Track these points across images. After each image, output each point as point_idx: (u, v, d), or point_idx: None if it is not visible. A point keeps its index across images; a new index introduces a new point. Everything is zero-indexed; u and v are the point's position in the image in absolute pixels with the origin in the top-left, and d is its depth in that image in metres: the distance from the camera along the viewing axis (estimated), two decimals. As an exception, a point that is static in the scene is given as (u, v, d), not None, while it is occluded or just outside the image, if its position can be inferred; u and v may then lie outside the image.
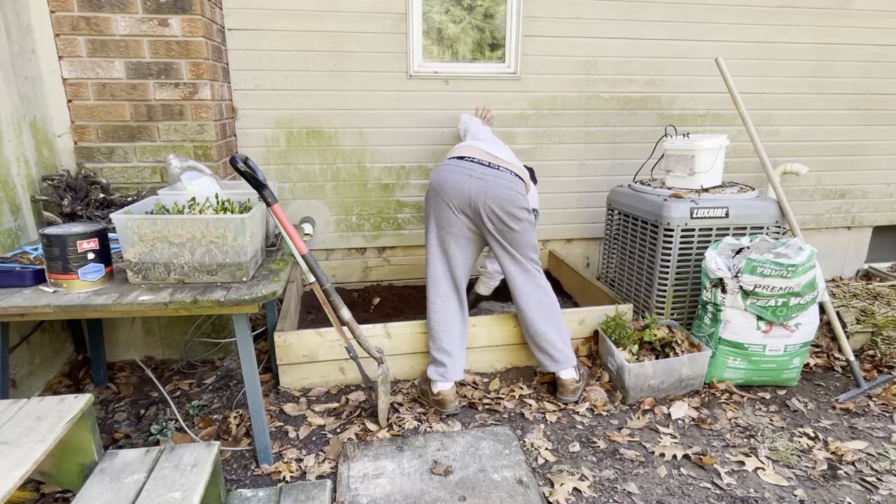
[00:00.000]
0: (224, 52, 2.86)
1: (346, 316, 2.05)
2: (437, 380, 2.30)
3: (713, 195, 2.74)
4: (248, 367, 1.84)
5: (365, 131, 3.18)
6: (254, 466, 1.97)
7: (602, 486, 1.91)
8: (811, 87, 3.56)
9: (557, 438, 2.17)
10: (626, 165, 3.51)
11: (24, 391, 2.20)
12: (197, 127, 2.56)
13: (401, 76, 3.12)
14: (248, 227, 1.76)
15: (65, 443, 1.45)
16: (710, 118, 3.52)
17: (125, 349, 2.68)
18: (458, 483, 1.89)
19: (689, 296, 2.78)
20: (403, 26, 3.04)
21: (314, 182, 3.22)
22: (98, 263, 1.71)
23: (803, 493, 1.88)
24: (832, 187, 3.81)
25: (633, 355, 2.43)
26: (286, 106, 3.06)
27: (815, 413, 2.36)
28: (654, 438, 2.17)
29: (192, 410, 2.28)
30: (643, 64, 3.34)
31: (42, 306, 1.62)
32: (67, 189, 2.30)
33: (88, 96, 2.45)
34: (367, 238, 3.39)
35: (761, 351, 2.43)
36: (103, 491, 1.41)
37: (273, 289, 1.75)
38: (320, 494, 1.75)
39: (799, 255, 2.32)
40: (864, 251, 4.04)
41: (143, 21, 2.38)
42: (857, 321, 2.89)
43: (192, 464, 1.53)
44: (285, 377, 2.44)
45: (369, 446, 2.08)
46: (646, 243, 2.84)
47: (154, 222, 1.70)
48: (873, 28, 3.49)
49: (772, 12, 3.35)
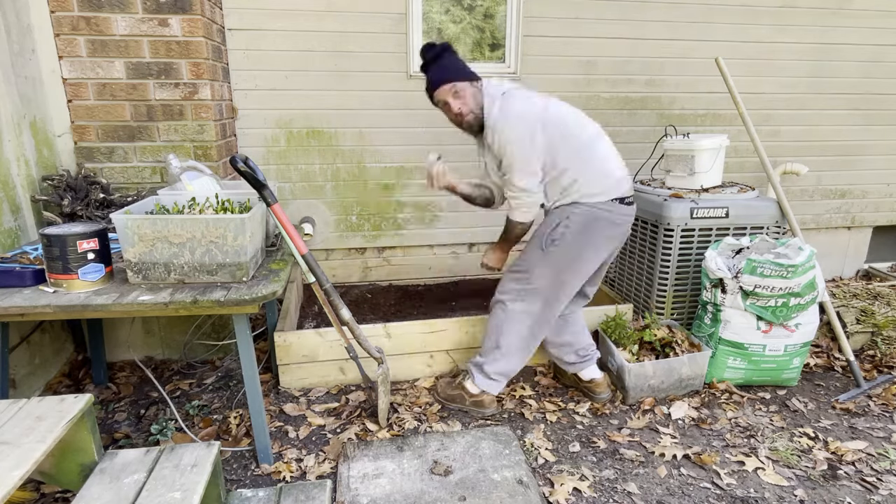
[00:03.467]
0: (224, 52, 2.86)
1: (346, 316, 2.05)
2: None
3: (713, 195, 2.74)
4: (248, 367, 1.84)
5: (365, 131, 3.18)
6: (254, 466, 1.97)
7: (602, 486, 1.91)
8: (811, 87, 3.56)
9: (557, 438, 2.17)
10: (626, 165, 3.50)
11: (24, 391, 2.20)
12: (197, 127, 2.56)
13: (401, 76, 3.12)
14: (248, 227, 1.76)
15: (65, 443, 1.44)
16: (710, 118, 3.52)
17: (125, 349, 2.68)
18: (458, 483, 1.89)
19: (689, 296, 2.78)
20: (403, 26, 3.04)
21: (314, 182, 3.22)
22: (98, 263, 1.71)
23: (803, 493, 1.88)
24: (832, 187, 3.81)
25: (634, 355, 2.43)
26: (286, 106, 3.06)
27: (815, 413, 2.36)
28: (655, 438, 2.17)
29: (191, 410, 2.28)
30: (643, 64, 3.33)
31: (42, 306, 1.62)
32: (67, 189, 2.30)
33: (88, 96, 2.45)
34: (367, 238, 3.39)
35: (761, 351, 2.43)
36: (103, 491, 1.41)
37: (273, 289, 1.74)
38: (320, 494, 1.75)
39: (799, 256, 2.32)
40: (864, 251, 4.04)
41: (143, 21, 2.38)
42: (857, 321, 2.88)
43: (192, 464, 1.53)
44: (285, 377, 2.44)
45: (369, 446, 2.08)
46: (646, 243, 2.84)
47: (154, 222, 1.70)
48: (873, 28, 3.49)
49: (772, 12, 3.35)
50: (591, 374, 2.40)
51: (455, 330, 2.53)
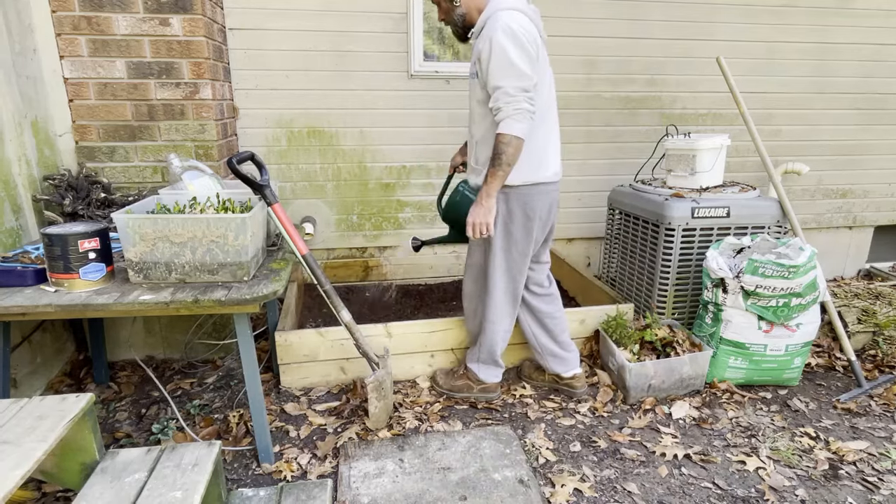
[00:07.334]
0: (225, 51, 2.86)
1: (346, 318, 2.05)
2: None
3: (714, 195, 2.73)
4: (249, 366, 1.85)
5: (366, 131, 3.18)
6: (255, 466, 1.97)
7: (603, 486, 1.91)
8: (812, 87, 3.55)
9: (558, 438, 2.16)
10: (627, 165, 3.50)
11: (25, 391, 2.20)
12: (198, 126, 2.56)
13: (402, 76, 3.12)
14: (249, 227, 1.76)
15: (66, 442, 1.45)
16: (711, 118, 3.52)
17: (126, 349, 2.68)
18: (458, 482, 1.89)
19: (690, 295, 2.77)
20: (404, 26, 3.04)
21: (315, 181, 3.22)
22: (99, 263, 1.71)
23: (804, 493, 1.88)
24: (833, 187, 3.81)
25: (634, 355, 2.43)
26: (287, 105, 3.06)
27: (816, 413, 2.36)
28: (655, 438, 2.17)
29: (193, 410, 2.28)
30: (644, 63, 3.33)
31: (43, 306, 1.62)
32: (69, 189, 2.30)
33: (90, 96, 2.45)
34: (367, 238, 3.39)
35: (762, 351, 2.43)
36: (104, 490, 1.41)
37: (274, 288, 1.75)
38: (321, 494, 1.75)
39: (800, 256, 2.32)
40: (865, 251, 4.04)
41: (144, 21, 2.38)
42: (859, 321, 2.88)
43: (193, 463, 1.53)
44: (286, 377, 2.44)
45: (370, 445, 2.08)
46: (647, 243, 2.84)
47: (155, 222, 1.70)
48: (874, 28, 3.49)
49: (773, 12, 3.35)
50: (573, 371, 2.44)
51: (456, 329, 2.53)
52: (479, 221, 2.00)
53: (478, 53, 1.93)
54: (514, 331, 2.60)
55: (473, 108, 2.06)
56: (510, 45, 1.83)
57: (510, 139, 1.88)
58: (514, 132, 1.87)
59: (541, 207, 2.11)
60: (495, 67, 1.86)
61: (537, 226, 2.13)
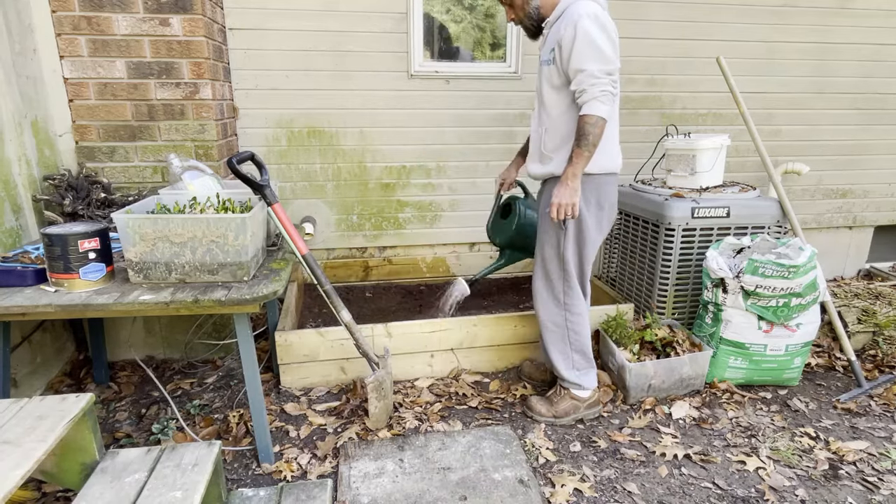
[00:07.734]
0: (225, 51, 2.86)
1: (346, 318, 2.05)
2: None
3: (714, 195, 2.73)
4: (248, 366, 1.85)
5: (366, 131, 3.18)
6: (255, 466, 1.97)
7: (603, 486, 1.91)
8: (812, 87, 3.55)
9: (558, 438, 2.17)
10: (626, 165, 3.46)
11: (25, 390, 2.20)
12: (198, 126, 2.56)
13: (402, 76, 3.12)
14: (249, 227, 1.76)
15: (66, 442, 1.45)
16: (711, 118, 3.52)
17: (126, 349, 2.68)
18: (458, 482, 1.89)
19: (690, 295, 2.77)
20: (404, 26, 3.04)
21: (315, 181, 3.22)
22: (99, 263, 1.71)
23: (804, 493, 1.88)
24: (833, 187, 3.81)
25: (634, 355, 2.43)
26: (287, 105, 3.06)
27: (816, 413, 2.36)
28: (655, 438, 2.17)
29: (193, 410, 2.28)
30: (644, 63, 3.33)
31: (43, 305, 1.62)
32: (69, 189, 2.30)
33: (90, 96, 2.45)
34: (368, 238, 3.39)
35: (762, 351, 2.43)
36: (104, 490, 1.42)
37: (274, 288, 1.75)
38: (321, 493, 1.75)
39: (800, 256, 2.32)
40: (865, 251, 4.04)
41: (143, 21, 2.38)
42: (859, 321, 2.88)
43: (193, 463, 1.53)
44: (286, 377, 2.44)
45: (370, 445, 2.08)
46: (647, 243, 2.84)
47: (155, 222, 1.70)
48: (874, 27, 3.48)
49: (773, 12, 3.34)
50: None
51: (456, 329, 2.53)
52: (565, 202, 1.95)
53: (558, 40, 1.93)
54: (513, 331, 2.61)
55: (546, 94, 2.05)
56: (595, 29, 1.87)
57: (596, 120, 1.89)
58: (600, 113, 1.89)
59: (612, 198, 2.13)
60: (580, 51, 1.87)
61: (607, 216, 2.14)
